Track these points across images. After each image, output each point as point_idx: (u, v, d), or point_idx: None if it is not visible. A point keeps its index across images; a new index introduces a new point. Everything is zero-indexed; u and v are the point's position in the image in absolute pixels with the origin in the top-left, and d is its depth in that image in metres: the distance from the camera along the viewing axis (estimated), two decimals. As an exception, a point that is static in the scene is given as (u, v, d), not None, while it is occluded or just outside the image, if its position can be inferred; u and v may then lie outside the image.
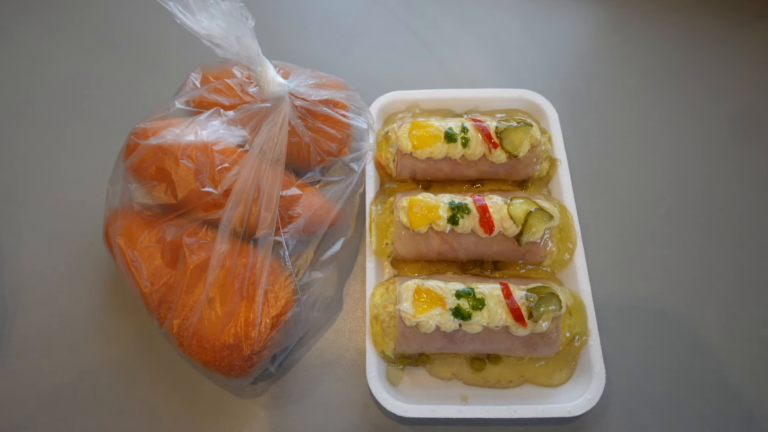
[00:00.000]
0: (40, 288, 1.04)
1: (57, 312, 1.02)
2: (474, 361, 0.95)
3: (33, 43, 1.35)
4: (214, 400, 0.95)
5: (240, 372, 0.85)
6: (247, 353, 0.83)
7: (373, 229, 1.02)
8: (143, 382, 0.96)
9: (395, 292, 0.92)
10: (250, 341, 0.83)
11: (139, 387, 0.96)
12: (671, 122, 1.22)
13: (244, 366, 0.84)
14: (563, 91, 1.27)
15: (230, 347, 0.83)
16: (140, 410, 0.95)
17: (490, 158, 1.03)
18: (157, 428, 0.93)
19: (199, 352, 0.84)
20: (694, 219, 1.11)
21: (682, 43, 1.34)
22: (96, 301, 1.03)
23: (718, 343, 0.99)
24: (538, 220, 0.95)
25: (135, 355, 0.98)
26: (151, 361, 0.98)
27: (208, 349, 0.84)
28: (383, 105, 1.15)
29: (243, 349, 0.83)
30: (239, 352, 0.83)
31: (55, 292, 1.04)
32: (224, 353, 0.83)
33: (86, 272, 1.06)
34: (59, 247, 1.08)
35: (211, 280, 0.84)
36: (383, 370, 0.94)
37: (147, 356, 0.98)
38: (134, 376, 0.97)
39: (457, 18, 1.39)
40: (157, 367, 0.98)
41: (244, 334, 0.83)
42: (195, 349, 0.84)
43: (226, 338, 0.83)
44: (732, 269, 1.06)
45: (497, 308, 0.88)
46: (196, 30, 0.78)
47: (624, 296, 1.03)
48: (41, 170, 1.18)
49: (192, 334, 0.84)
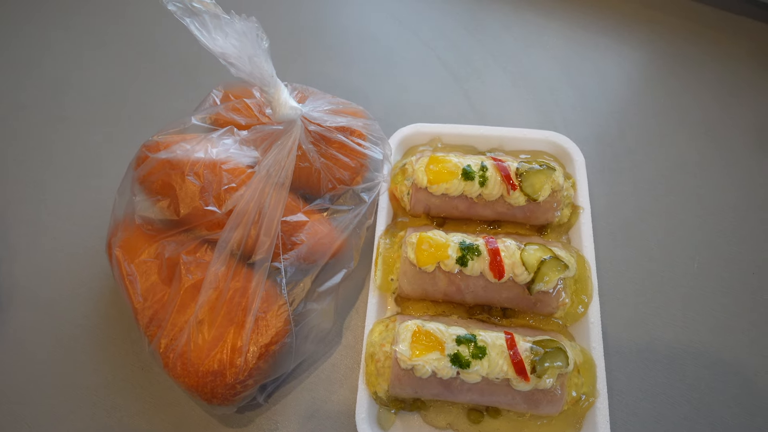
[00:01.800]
0: (39, 289, 1.04)
1: (51, 316, 1.02)
2: (471, 412, 0.90)
3: (73, 51, 1.39)
4: (198, 426, 0.92)
5: (223, 400, 0.82)
6: (230, 381, 0.80)
7: (379, 263, 0.98)
8: (129, 399, 0.94)
9: (394, 331, 0.88)
10: (234, 369, 0.80)
11: (125, 404, 0.94)
12: (707, 179, 1.16)
13: (227, 394, 0.81)
14: (595, 136, 1.22)
15: (214, 373, 0.80)
16: (123, 427, 0.92)
17: (508, 200, 0.99)
18: (137, 449, 0.91)
19: (183, 376, 0.81)
20: (722, 282, 1.04)
21: (724, 96, 1.27)
22: (93, 311, 1.02)
23: (741, 419, 0.92)
24: (552, 268, 0.90)
25: (125, 370, 0.97)
26: (141, 378, 0.96)
27: (191, 373, 0.81)
28: (404, 136, 1.12)
29: (226, 377, 0.80)
30: (222, 380, 0.80)
31: (54, 295, 1.04)
32: (207, 379, 0.80)
33: (88, 280, 1.05)
34: (65, 250, 1.09)
35: (202, 301, 0.81)
36: (374, 412, 0.89)
37: (137, 373, 0.96)
38: (121, 392, 0.95)
39: (491, 53, 1.36)
40: (146, 384, 0.95)
41: (230, 360, 0.80)
42: (179, 371, 0.82)
43: (210, 363, 0.80)
44: (760, 339, 0.98)
45: (499, 359, 0.83)
46: (212, 48, 0.77)
47: (640, 358, 0.97)
48: (64, 172, 1.20)
49: (177, 355, 0.81)
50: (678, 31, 1.38)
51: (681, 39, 1.37)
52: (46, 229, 1.12)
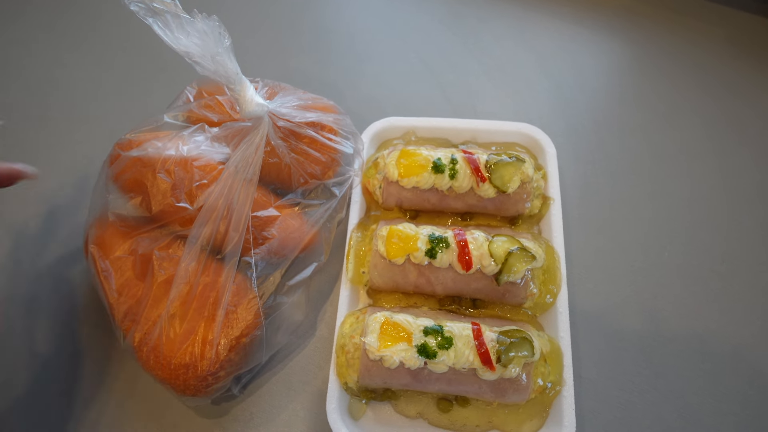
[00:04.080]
0: (19, 287, 1.06)
1: (32, 312, 1.03)
2: (441, 401, 0.91)
3: (52, 52, 1.40)
4: (174, 417, 0.94)
5: (195, 392, 0.84)
6: (202, 373, 0.82)
7: (351, 256, 1.00)
8: (107, 392, 0.96)
9: (364, 323, 0.89)
10: (205, 361, 0.82)
11: (103, 396, 0.96)
12: (679, 169, 1.17)
13: (199, 386, 0.83)
14: (569, 128, 1.23)
15: (185, 366, 0.82)
16: (103, 421, 0.94)
17: (478, 192, 1.00)
18: (115, 440, 0.93)
19: (156, 368, 0.83)
20: (692, 270, 1.05)
21: (704, 85, 1.28)
22: (72, 307, 1.04)
23: (708, 405, 0.93)
24: (519, 260, 0.92)
25: (103, 363, 0.98)
26: (118, 371, 0.98)
27: (164, 366, 0.82)
28: (378, 130, 1.13)
29: (198, 369, 0.82)
30: (194, 372, 0.82)
31: (35, 292, 1.05)
32: (179, 371, 0.82)
33: (70, 277, 1.07)
34: (44, 247, 1.10)
35: (173, 296, 0.83)
36: (345, 402, 0.91)
37: (114, 366, 0.98)
38: (100, 384, 0.97)
39: (467, 46, 1.37)
40: (123, 377, 0.97)
41: (201, 353, 0.82)
42: (152, 364, 0.83)
43: (182, 356, 0.82)
44: (730, 328, 0.99)
45: (465, 349, 0.85)
46: (175, 47, 0.78)
47: (609, 347, 0.98)
48: (44, 170, 1.20)
49: (151, 349, 0.83)
50: (655, 19, 1.38)
51: (658, 27, 1.37)
52: (27, 226, 1.14)
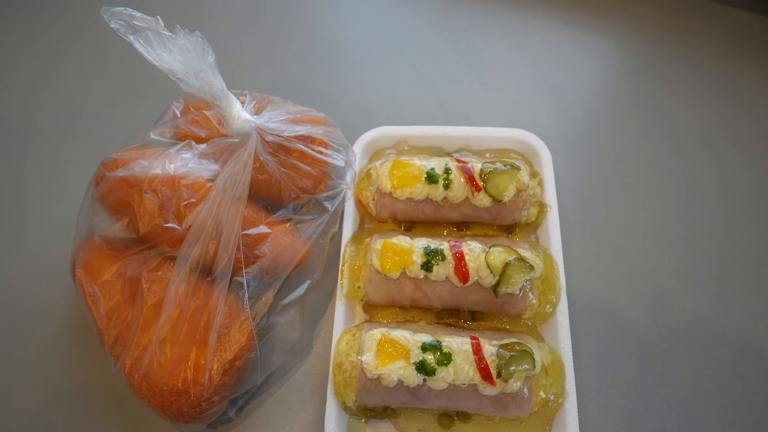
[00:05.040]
0: (4, 309, 1.04)
1: (18, 336, 1.01)
2: (442, 417, 0.90)
3: (38, 69, 1.38)
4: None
5: (189, 418, 0.81)
6: (195, 399, 0.80)
7: (345, 271, 0.98)
8: (99, 418, 0.94)
9: (360, 340, 0.87)
10: (199, 387, 0.80)
11: (95, 422, 0.94)
12: (676, 173, 1.15)
13: (193, 412, 0.81)
14: (564, 133, 1.21)
15: (178, 392, 0.80)
16: (96, 447, 0.92)
17: (473, 201, 0.99)
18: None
19: (148, 395, 0.81)
20: (692, 275, 1.03)
21: (699, 86, 1.26)
22: (61, 330, 1.02)
23: (712, 412, 0.92)
24: (517, 270, 0.90)
25: (94, 389, 0.96)
26: (111, 396, 0.96)
27: (156, 393, 0.80)
28: (370, 140, 1.11)
29: (191, 395, 0.80)
30: (187, 398, 0.80)
31: (21, 315, 1.03)
32: (172, 398, 0.80)
33: (56, 299, 1.04)
34: (32, 268, 1.08)
35: (163, 320, 0.81)
36: (344, 422, 0.89)
37: (107, 391, 0.96)
38: (92, 411, 0.95)
39: (459, 52, 1.35)
40: (116, 402, 0.95)
41: (194, 379, 0.80)
42: (144, 391, 0.81)
43: (174, 382, 0.80)
44: (732, 331, 0.98)
45: (464, 364, 0.83)
46: (158, 65, 0.76)
47: (610, 355, 0.97)
48: (31, 189, 1.19)
49: (142, 375, 0.81)
50: (649, 19, 1.37)
51: (652, 27, 1.36)
52: (12, 246, 1.11)
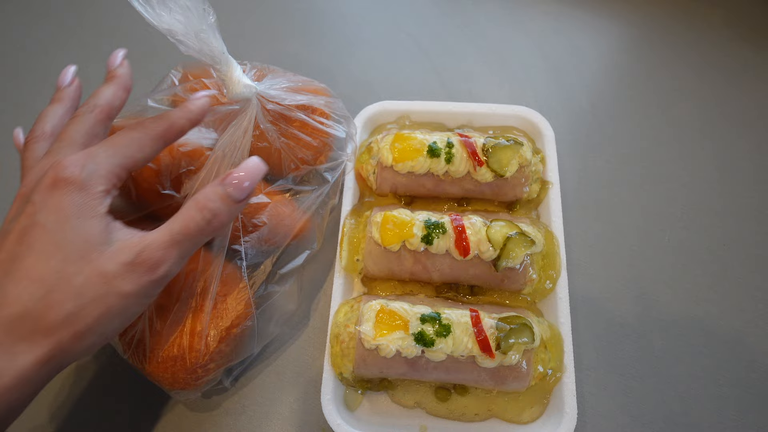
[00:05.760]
0: None
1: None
2: (439, 390, 0.89)
3: (33, 39, 1.36)
4: (164, 411, 0.91)
5: (184, 385, 0.81)
6: (190, 366, 0.79)
7: (344, 244, 0.97)
8: (93, 386, 0.93)
9: (359, 311, 0.87)
10: (195, 353, 0.79)
11: (93, 393, 0.93)
12: (683, 152, 1.14)
13: (189, 379, 0.80)
14: (567, 111, 1.20)
15: (173, 359, 0.79)
16: (92, 416, 0.92)
17: (475, 176, 0.98)
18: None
19: (143, 362, 0.80)
20: (693, 255, 1.03)
21: (703, 67, 1.25)
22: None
23: (709, 390, 0.92)
24: (518, 245, 0.89)
25: (90, 361, 0.96)
26: (106, 365, 0.95)
27: (151, 360, 0.79)
28: (371, 115, 1.10)
29: (187, 362, 0.79)
30: (183, 365, 0.79)
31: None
32: (167, 365, 0.79)
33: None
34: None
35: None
36: (341, 393, 0.89)
37: (102, 361, 0.95)
38: (85, 379, 0.94)
39: (462, 29, 1.34)
40: (111, 371, 0.94)
41: (189, 345, 0.79)
42: (139, 358, 0.80)
43: (169, 349, 0.79)
44: (731, 311, 0.98)
45: (463, 336, 0.83)
46: (157, 25, 0.74)
47: (609, 332, 0.96)
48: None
49: (137, 342, 0.80)
50: (653, 2, 1.35)
51: (656, 8, 1.34)
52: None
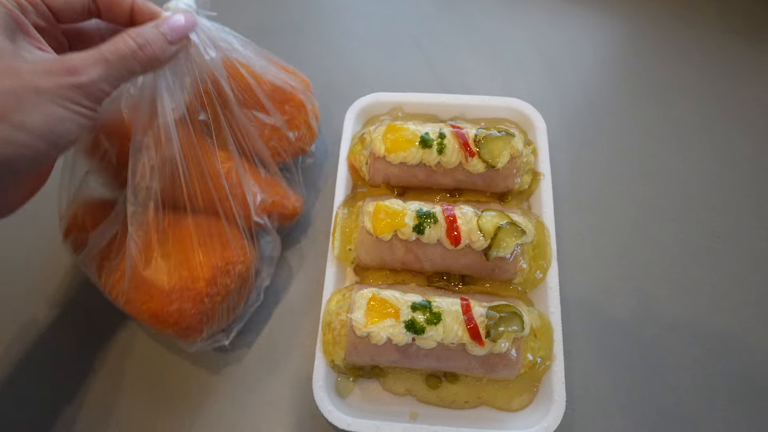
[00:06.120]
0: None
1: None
2: (430, 377, 0.90)
3: None
4: (153, 384, 0.93)
5: (192, 326, 0.84)
6: (197, 295, 0.83)
7: (337, 233, 0.98)
8: (98, 360, 0.95)
9: (351, 299, 0.88)
10: (200, 282, 0.83)
11: (95, 365, 0.95)
12: (677, 146, 1.15)
13: (196, 317, 0.84)
14: (561, 105, 1.21)
15: (180, 290, 0.82)
16: (92, 386, 0.93)
17: (467, 167, 0.99)
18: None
19: (147, 301, 0.83)
20: (683, 246, 1.04)
21: (698, 61, 1.26)
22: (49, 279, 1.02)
23: (699, 380, 0.92)
24: (509, 234, 0.90)
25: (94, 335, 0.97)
26: (111, 344, 0.96)
27: (155, 297, 0.82)
28: (364, 106, 1.11)
29: (193, 291, 0.83)
30: (189, 295, 0.83)
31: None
32: (174, 296, 0.82)
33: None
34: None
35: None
36: (332, 380, 0.90)
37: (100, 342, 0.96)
38: (85, 358, 0.95)
39: (456, 22, 1.35)
40: (117, 345, 0.95)
41: (195, 275, 0.83)
42: (139, 299, 0.83)
43: (173, 282, 0.82)
44: (722, 303, 0.99)
45: (454, 324, 0.84)
46: None
47: (599, 322, 0.97)
48: None
49: (138, 282, 0.83)
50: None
51: (652, 4, 1.35)
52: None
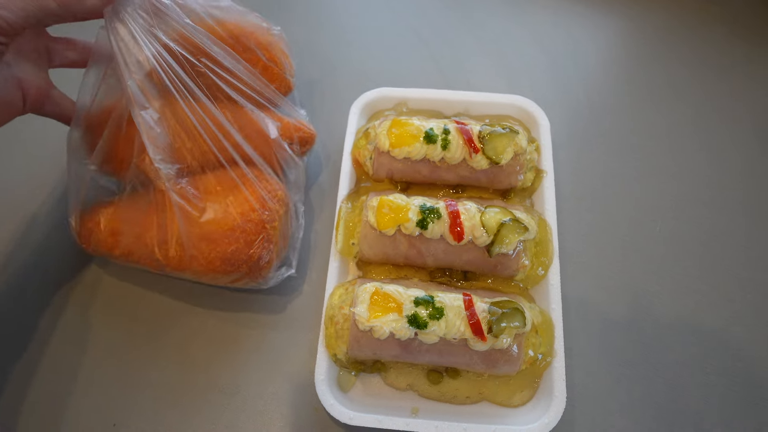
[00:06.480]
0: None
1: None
2: (431, 373, 0.91)
3: None
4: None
5: (260, 251, 0.88)
6: (258, 222, 0.88)
7: (340, 228, 0.98)
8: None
9: (353, 293, 0.88)
10: (251, 223, 0.88)
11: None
12: (676, 145, 1.16)
13: (262, 242, 0.88)
14: (563, 103, 1.22)
15: (242, 224, 0.87)
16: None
17: (470, 163, 0.99)
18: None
19: (212, 249, 0.87)
20: (683, 245, 1.05)
21: (697, 63, 1.27)
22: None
23: (697, 377, 0.93)
24: (511, 231, 0.90)
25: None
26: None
27: (221, 240, 0.87)
28: (369, 101, 1.11)
29: (254, 222, 0.88)
30: (251, 222, 0.88)
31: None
32: (236, 233, 0.87)
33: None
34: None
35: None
36: (334, 374, 0.90)
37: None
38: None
39: (461, 19, 1.35)
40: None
41: (246, 210, 0.88)
42: (206, 251, 0.87)
43: (234, 219, 0.87)
44: (719, 301, 0.99)
45: (456, 319, 0.84)
46: None
47: (600, 319, 0.98)
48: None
49: (197, 237, 0.86)
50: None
51: (653, 5, 1.36)
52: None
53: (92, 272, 1.02)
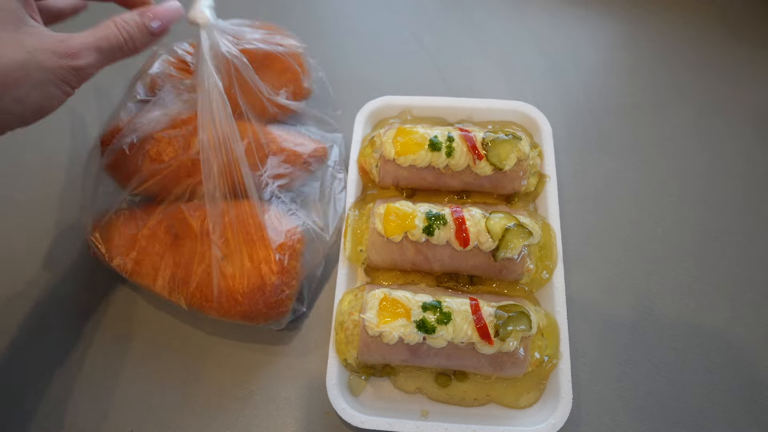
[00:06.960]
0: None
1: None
2: (439, 376, 0.93)
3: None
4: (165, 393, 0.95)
5: (275, 305, 0.91)
6: (272, 289, 0.90)
7: (348, 235, 1.00)
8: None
9: (363, 299, 0.90)
10: (272, 274, 0.90)
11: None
12: (677, 147, 1.17)
13: (278, 300, 0.91)
14: (565, 107, 1.23)
15: (254, 289, 0.89)
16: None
17: (474, 170, 1.01)
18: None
19: (233, 307, 0.90)
20: (685, 247, 1.06)
21: (698, 64, 1.28)
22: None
23: (700, 377, 0.95)
24: (516, 236, 0.92)
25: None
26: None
27: (240, 301, 0.89)
28: (374, 109, 1.13)
29: (267, 287, 0.90)
30: (264, 291, 0.90)
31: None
32: (256, 296, 0.89)
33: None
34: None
35: (216, 236, 0.90)
36: (345, 378, 0.92)
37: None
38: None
39: (463, 25, 1.37)
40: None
41: (264, 270, 0.90)
42: (226, 306, 0.90)
43: (250, 282, 0.89)
44: (721, 302, 1.01)
45: (463, 324, 0.86)
46: None
47: (604, 321, 1.00)
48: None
49: (218, 293, 0.90)
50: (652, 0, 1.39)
51: (653, 5, 1.37)
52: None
53: (111, 285, 1.04)
